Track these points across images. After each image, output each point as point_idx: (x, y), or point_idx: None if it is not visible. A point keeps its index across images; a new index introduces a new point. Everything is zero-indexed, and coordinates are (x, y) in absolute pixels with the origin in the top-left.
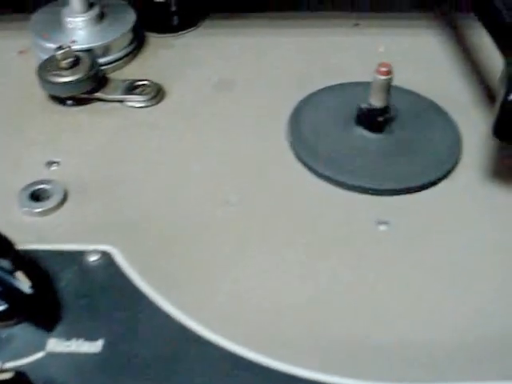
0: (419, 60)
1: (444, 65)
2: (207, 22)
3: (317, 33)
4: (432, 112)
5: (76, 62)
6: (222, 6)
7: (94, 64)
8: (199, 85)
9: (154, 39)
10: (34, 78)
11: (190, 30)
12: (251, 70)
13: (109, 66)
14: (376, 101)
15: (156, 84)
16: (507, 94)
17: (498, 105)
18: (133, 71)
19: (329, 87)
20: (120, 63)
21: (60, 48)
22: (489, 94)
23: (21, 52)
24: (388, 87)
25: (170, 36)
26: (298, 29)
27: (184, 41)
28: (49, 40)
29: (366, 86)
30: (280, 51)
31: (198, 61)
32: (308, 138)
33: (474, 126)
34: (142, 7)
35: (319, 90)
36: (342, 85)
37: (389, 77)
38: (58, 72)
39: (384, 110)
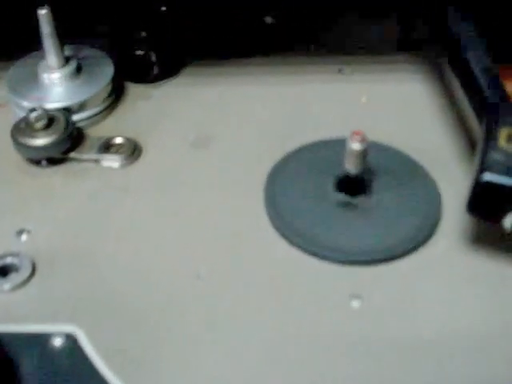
0: (402, 110)
1: (428, 116)
2: (188, 70)
3: (299, 81)
4: (412, 170)
5: (50, 123)
6: (204, 53)
7: (68, 124)
8: (176, 141)
9: (133, 89)
10: (9, 136)
11: (170, 78)
12: (230, 124)
13: (85, 121)
14: (351, 168)
15: (132, 142)
16: (481, 172)
17: (472, 181)
18: (110, 126)
19: (306, 146)
20: (97, 118)
21: (33, 110)
22: (473, 150)
23: None
24: (362, 155)
25: (150, 86)
26: (280, 76)
27: (163, 90)
28: (21, 95)
29: (343, 143)
30: (259, 102)
31: (176, 114)
32: (283, 204)
33: (455, 185)
34: (122, 57)
35: (296, 151)
36: (319, 143)
37: (362, 146)
38: (31, 134)
39: (359, 176)
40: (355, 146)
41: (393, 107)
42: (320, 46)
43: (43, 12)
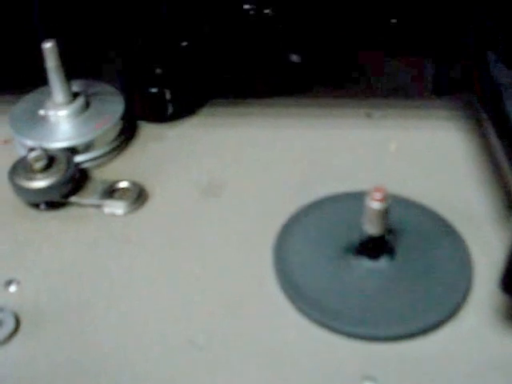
0: (433, 161)
1: (461, 169)
2: (205, 109)
3: (323, 125)
4: (441, 230)
5: (50, 164)
6: (223, 91)
7: (70, 165)
8: (185, 188)
9: (145, 128)
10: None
11: (185, 118)
12: (244, 170)
13: (90, 163)
14: (370, 228)
15: (138, 186)
16: None
17: (507, 254)
18: (117, 168)
19: (324, 200)
20: (103, 159)
21: (32, 149)
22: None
23: (4, 142)
24: (383, 215)
25: (163, 125)
26: (303, 119)
27: (177, 131)
28: (24, 133)
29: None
30: (279, 147)
31: (188, 157)
32: (294, 266)
33: (489, 250)
34: (134, 94)
35: (313, 204)
36: (338, 196)
37: (384, 204)
38: (29, 176)
39: (380, 239)
40: (375, 205)
41: (423, 157)
42: (348, 88)
43: (48, 45)
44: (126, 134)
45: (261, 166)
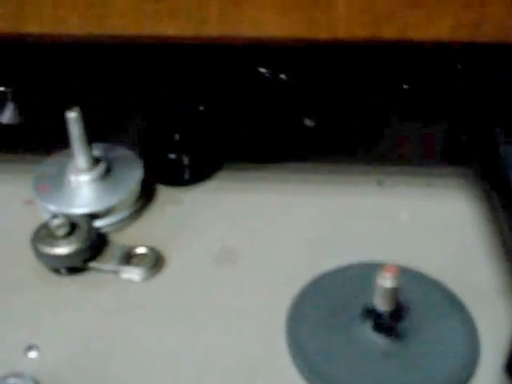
0: (444, 233)
1: (471, 242)
2: (221, 174)
3: (336, 191)
4: (448, 305)
5: (72, 230)
6: (239, 155)
7: (91, 232)
8: (201, 254)
9: (162, 192)
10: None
11: (202, 182)
12: (259, 237)
13: (110, 227)
14: (381, 305)
15: (155, 252)
16: None
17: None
18: (135, 232)
19: (336, 271)
20: (122, 223)
21: (55, 216)
22: None
23: (28, 202)
24: (394, 293)
25: (181, 189)
26: (316, 185)
27: (194, 196)
28: (47, 197)
29: (377, 269)
30: (293, 213)
31: (204, 222)
32: (307, 338)
33: (496, 327)
34: (153, 159)
35: (326, 275)
36: (350, 267)
37: (394, 283)
38: (51, 242)
39: (390, 315)
40: (386, 283)
41: (433, 228)
42: (359, 154)
43: (72, 115)
44: (145, 198)
45: (274, 233)
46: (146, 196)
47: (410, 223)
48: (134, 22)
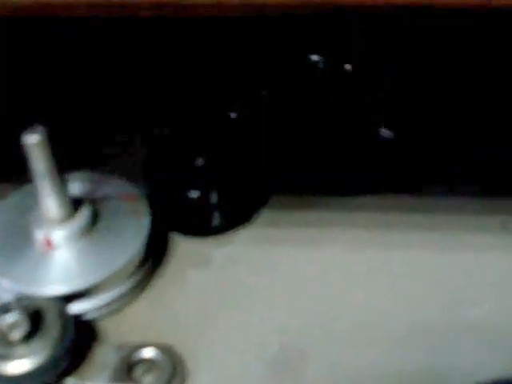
0: None
1: None
2: (266, 215)
3: (438, 243)
4: None
5: (35, 328)
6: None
7: (66, 328)
8: (246, 358)
9: (182, 246)
10: None
11: (238, 229)
12: (331, 324)
13: (98, 312)
14: None
15: (171, 357)
16: None
17: None
18: (138, 320)
19: None
20: (118, 305)
21: (5, 309)
22: None
23: None
24: None
25: (207, 241)
26: (407, 232)
27: (228, 251)
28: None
29: None
30: (382, 277)
31: (247, 296)
32: None
33: None
34: (166, 198)
35: None
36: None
37: None
38: (3, 350)
39: None
40: None
41: None
42: (468, 185)
43: (34, 141)
44: (154, 260)
45: (354, 313)
46: (155, 256)
47: None
48: None
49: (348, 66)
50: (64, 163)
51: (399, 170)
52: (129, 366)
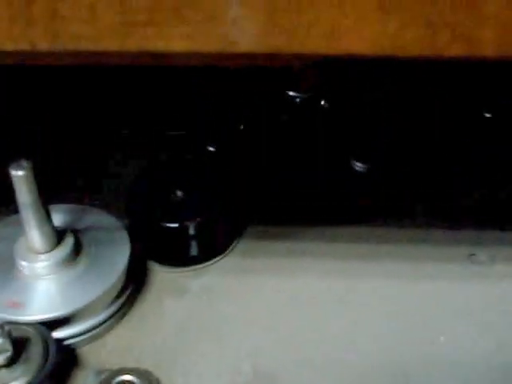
0: None
1: None
2: (242, 245)
3: (409, 274)
4: None
5: (18, 354)
6: (265, 216)
7: (49, 355)
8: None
9: (159, 276)
10: None
11: (214, 260)
12: (302, 352)
13: (79, 338)
14: None
15: (148, 379)
16: None
17: None
18: (117, 346)
19: None
20: (99, 331)
21: None
22: None
23: None
24: None
25: (186, 271)
26: (379, 262)
27: (206, 281)
28: None
29: None
30: (351, 307)
31: (224, 326)
32: None
33: None
34: (146, 228)
35: None
36: None
37: None
38: None
39: None
40: None
41: None
42: (437, 217)
43: (20, 174)
44: (133, 289)
45: (322, 344)
46: (134, 285)
47: None
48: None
49: (324, 102)
50: (48, 195)
51: (372, 202)
52: None
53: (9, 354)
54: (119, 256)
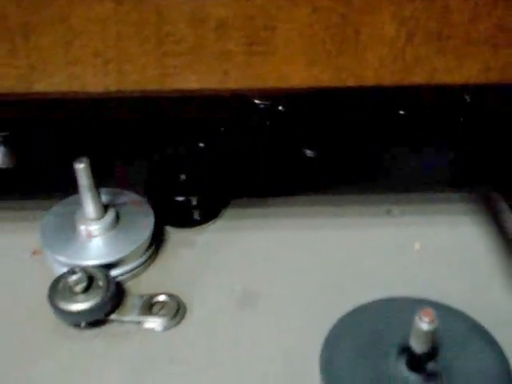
0: (457, 260)
1: (484, 266)
2: (228, 212)
3: (347, 224)
4: (478, 340)
5: (90, 284)
6: (243, 191)
7: (110, 285)
8: (221, 298)
9: (173, 235)
10: (46, 289)
11: (211, 222)
12: (276, 275)
13: (125, 275)
14: (417, 347)
15: (175, 299)
16: None
17: None
18: (151, 279)
19: (361, 308)
20: (137, 271)
21: (72, 272)
22: None
23: (34, 253)
24: (431, 336)
25: (191, 231)
26: (326, 218)
27: (206, 236)
28: (57, 249)
29: (403, 303)
30: (305, 249)
31: (220, 263)
32: (340, 376)
33: None
34: (162, 202)
35: (352, 312)
36: (376, 304)
37: (431, 327)
38: (70, 297)
39: (426, 355)
40: (424, 326)
41: (446, 255)
42: (365, 184)
43: (81, 166)
44: (157, 243)
45: (289, 271)
46: (157, 240)
47: (422, 252)
48: (156, 77)
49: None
50: (97, 181)
51: (319, 178)
52: (149, 306)
53: (84, 284)
54: (146, 222)
